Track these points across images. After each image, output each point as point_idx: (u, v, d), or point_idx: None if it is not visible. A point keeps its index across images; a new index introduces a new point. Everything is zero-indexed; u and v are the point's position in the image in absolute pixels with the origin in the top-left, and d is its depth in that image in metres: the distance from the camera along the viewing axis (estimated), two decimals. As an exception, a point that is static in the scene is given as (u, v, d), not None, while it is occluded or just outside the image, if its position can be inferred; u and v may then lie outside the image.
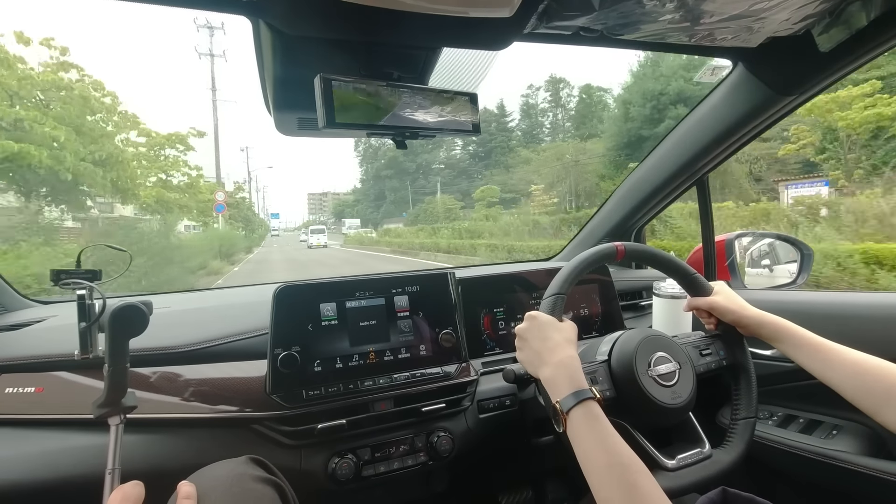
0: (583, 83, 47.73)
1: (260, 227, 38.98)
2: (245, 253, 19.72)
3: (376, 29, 0.68)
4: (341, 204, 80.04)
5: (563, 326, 0.74)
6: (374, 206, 58.33)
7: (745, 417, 0.80)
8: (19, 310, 1.12)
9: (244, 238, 22.93)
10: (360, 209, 63.01)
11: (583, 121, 39.88)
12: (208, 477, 0.63)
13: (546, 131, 49.92)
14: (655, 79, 20.28)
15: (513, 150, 42.86)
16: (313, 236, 30.57)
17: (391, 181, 55.02)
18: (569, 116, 47.07)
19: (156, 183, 13.63)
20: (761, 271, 1.38)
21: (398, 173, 55.31)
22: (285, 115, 0.90)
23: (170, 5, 0.65)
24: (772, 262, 1.38)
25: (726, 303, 0.84)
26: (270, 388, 0.87)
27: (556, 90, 48.81)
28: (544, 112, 50.45)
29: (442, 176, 51.57)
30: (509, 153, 42.63)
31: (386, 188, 55.79)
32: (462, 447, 0.97)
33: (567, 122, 46.78)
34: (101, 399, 0.66)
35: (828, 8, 0.77)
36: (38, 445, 0.81)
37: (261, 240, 33.05)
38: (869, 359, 0.68)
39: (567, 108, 47.79)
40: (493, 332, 1.16)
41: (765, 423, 1.09)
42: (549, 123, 49.88)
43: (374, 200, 58.79)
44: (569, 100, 48.31)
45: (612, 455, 0.59)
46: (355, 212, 63.61)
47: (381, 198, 57.58)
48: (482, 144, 49.78)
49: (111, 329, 0.65)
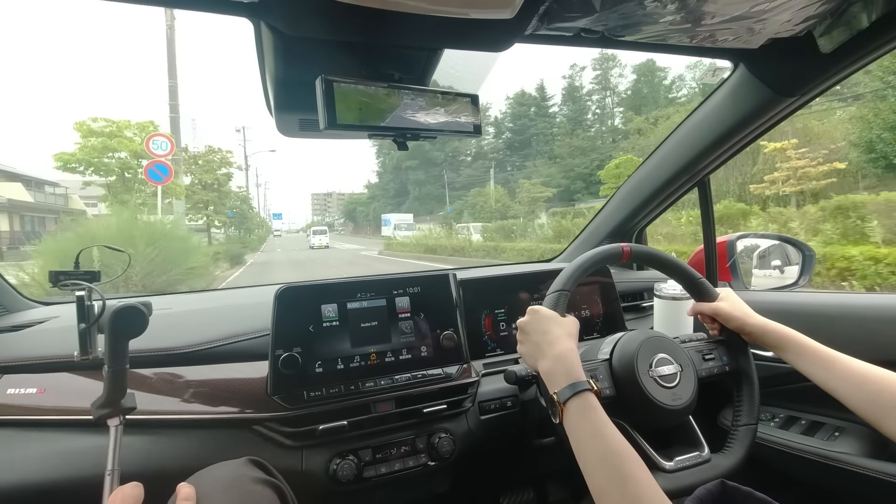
0: (638, 61, 42.34)
1: (260, 228, 35.86)
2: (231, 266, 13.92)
3: (377, 30, 0.68)
4: (353, 202, 72.47)
5: (564, 321, 0.74)
6: (395, 204, 51.45)
7: (746, 424, 0.80)
8: (21, 311, 1.12)
9: (236, 242, 19.69)
10: (377, 206, 55.69)
11: (643, 102, 35.40)
12: (208, 478, 0.63)
13: (594, 116, 43.48)
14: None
15: (556, 138, 38.20)
16: (315, 237, 31.52)
17: (415, 173, 48.13)
18: (620, 100, 41.65)
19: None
20: (771, 272, 1.37)
21: (423, 164, 47.62)
22: (287, 117, 0.90)
23: (170, 6, 0.65)
24: (781, 264, 1.38)
25: (731, 309, 0.84)
26: (272, 389, 0.87)
27: (605, 69, 42.88)
28: (590, 95, 44.12)
29: (473, 168, 45.53)
30: (552, 141, 38.37)
31: (409, 181, 49.18)
32: (463, 448, 0.97)
33: (618, 107, 41.48)
34: (101, 400, 0.65)
35: (829, 9, 0.77)
36: (39, 447, 0.81)
37: (260, 242, 30.34)
38: (873, 369, 0.68)
39: (616, 90, 42.10)
40: (494, 333, 1.16)
41: (767, 424, 1.09)
42: (598, 107, 43.81)
43: (395, 196, 52.74)
44: (619, 80, 42.53)
45: (606, 445, 0.59)
46: (372, 210, 56.37)
47: (402, 193, 51.36)
48: (519, 132, 43.85)
49: (110, 330, 0.65)
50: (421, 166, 47.25)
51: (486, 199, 31.26)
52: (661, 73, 39.69)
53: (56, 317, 1.05)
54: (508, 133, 45.37)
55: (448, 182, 45.57)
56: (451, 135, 0.80)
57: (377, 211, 53.77)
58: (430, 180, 47.76)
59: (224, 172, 19.89)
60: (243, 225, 24.61)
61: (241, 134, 30.44)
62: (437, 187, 46.19)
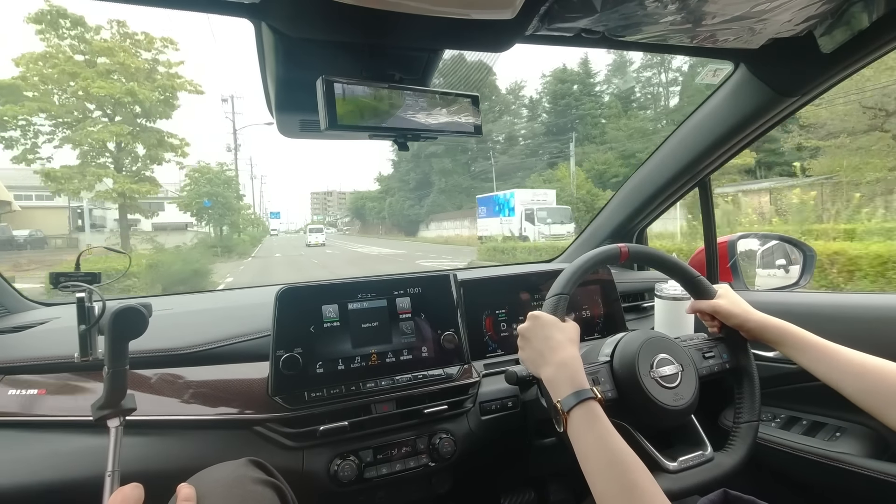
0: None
1: (256, 226, 31.33)
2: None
3: (378, 31, 0.68)
4: (361, 197, 60.29)
5: (565, 326, 0.74)
6: (416, 198, 42.03)
7: (748, 421, 0.80)
8: (21, 312, 1.12)
9: (208, 248, 15.46)
10: (393, 202, 45.20)
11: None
12: (208, 479, 0.63)
13: (647, 96, 35.09)
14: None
15: (607, 120, 31.30)
16: (311, 235, 31.88)
17: (440, 161, 38.20)
18: (671, 79, 33.24)
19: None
20: (775, 271, 1.37)
21: (450, 151, 37.82)
22: (287, 117, 0.90)
23: (171, 7, 0.65)
24: (786, 263, 1.38)
25: (730, 306, 0.84)
26: (273, 389, 0.87)
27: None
28: (639, 71, 34.58)
29: (510, 155, 36.71)
30: (602, 123, 31.15)
31: (433, 171, 39.21)
32: (464, 449, 0.96)
33: (672, 85, 33.13)
34: (101, 401, 0.65)
35: (830, 9, 0.77)
36: (40, 447, 0.81)
37: (253, 244, 24.85)
38: (873, 360, 0.68)
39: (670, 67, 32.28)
40: (495, 333, 1.16)
41: (768, 424, 1.09)
42: (649, 85, 34.79)
43: (415, 189, 42.10)
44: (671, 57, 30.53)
45: (611, 454, 0.59)
46: (388, 206, 45.73)
47: (424, 185, 40.83)
48: (560, 114, 35.29)
49: (110, 331, 0.65)
50: (447, 153, 37.81)
51: (562, 185, 21.53)
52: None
53: (57, 318, 1.05)
54: (546, 115, 37.58)
55: (476, 174, 37.46)
56: (452, 135, 0.80)
57: (393, 207, 44.66)
58: (458, 169, 38.24)
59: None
60: (225, 219, 17.60)
61: (230, 104, 24.98)
62: (465, 177, 38.13)
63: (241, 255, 18.39)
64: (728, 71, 1.07)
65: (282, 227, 79.47)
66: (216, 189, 16.66)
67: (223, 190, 17.02)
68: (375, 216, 51.82)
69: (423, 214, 40.53)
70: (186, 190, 16.57)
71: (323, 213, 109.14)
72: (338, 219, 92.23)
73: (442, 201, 38.35)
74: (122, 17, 12.65)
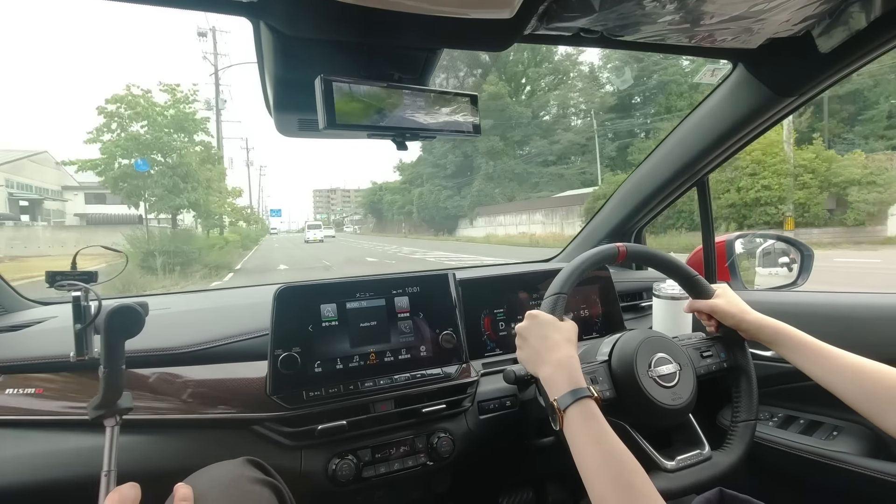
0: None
1: (249, 223, 23.27)
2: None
3: (377, 30, 0.68)
4: (379, 189, 50.57)
5: (563, 326, 0.74)
6: (454, 188, 32.90)
7: (746, 420, 0.80)
8: (19, 311, 1.12)
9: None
10: (425, 192, 35.38)
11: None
12: (205, 478, 0.63)
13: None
14: None
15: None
16: (310, 232, 32.46)
17: (489, 140, 28.97)
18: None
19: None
20: (778, 270, 1.37)
21: (498, 127, 29.04)
22: (286, 117, 0.90)
23: (170, 6, 0.65)
24: (789, 262, 1.37)
25: (727, 306, 0.84)
26: (271, 389, 0.87)
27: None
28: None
29: (574, 132, 29.02)
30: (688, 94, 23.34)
31: (478, 153, 30.44)
32: (462, 448, 0.97)
33: None
34: (96, 401, 0.65)
35: (828, 9, 0.77)
36: (38, 446, 0.81)
37: (246, 248, 18.87)
38: (869, 363, 0.68)
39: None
40: (493, 332, 1.16)
41: (765, 423, 1.09)
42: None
43: (453, 176, 33.08)
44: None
45: (607, 454, 0.59)
46: (416, 197, 36.49)
47: (463, 172, 32.15)
48: (637, 82, 26.84)
49: (106, 330, 0.65)
50: (495, 128, 28.41)
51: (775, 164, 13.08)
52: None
53: (54, 317, 1.05)
54: (611, 85, 30.38)
55: (532, 155, 29.54)
56: (451, 135, 0.80)
57: (425, 198, 34.88)
58: (509, 149, 29.36)
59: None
60: (182, 198, 9.72)
61: (210, 40, 17.96)
62: (518, 161, 30.37)
63: (217, 267, 10.31)
64: (726, 71, 1.07)
65: (283, 226, 75.84)
66: (160, 137, 8.94)
67: (175, 140, 9.23)
68: (397, 211, 42.88)
69: (464, 207, 32.01)
70: (99, 139, 8.80)
71: (327, 212, 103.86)
72: (345, 217, 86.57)
73: (489, 190, 30.22)
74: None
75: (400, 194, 42.48)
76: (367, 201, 54.83)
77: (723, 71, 1.09)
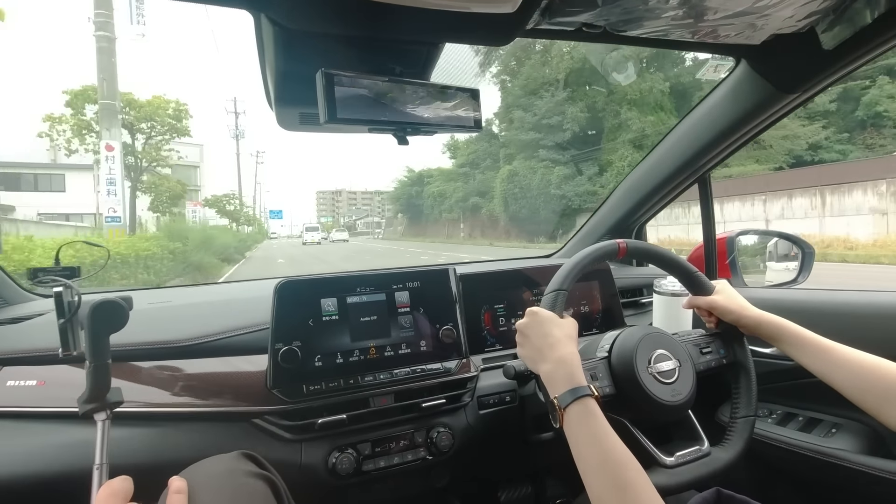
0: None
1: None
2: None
3: (378, 24, 0.68)
4: (418, 179, 36.80)
5: (563, 323, 0.74)
6: (573, 168, 19.07)
7: (745, 416, 0.80)
8: (21, 303, 1.12)
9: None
10: (520, 171, 20.30)
11: None
12: (200, 472, 0.63)
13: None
14: None
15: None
16: (308, 234, 33.23)
17: (643, 80, 17.20)
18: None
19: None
20: (788, 265, 1.37)
21: (659, 56, 17.46)
22: (287, 110, 0.90)
23: (172, -1, 0.64)
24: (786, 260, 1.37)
25: (727, 302, 0.84)
26: (271, 382, 0.88)
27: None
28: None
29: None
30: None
31: (620, 101, 18.13)
32: (462, 443, 0.97)
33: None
34: (85, 395, 0.65)
35: (832, 5, 0.76)
36: (39, 439, 0.81)
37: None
38: (869, 357, 0.69)
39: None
40: (493, 328, 1.16)
41: (764, 420, 1.10)
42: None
43: (563, 148, 19.26)
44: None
45: (606, 452, 0.59)
46: (501, 181, 21.44)
47: (583, 139, 19.06)
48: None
49: (90, 325, 0.64)
50: (656, 58, 17.78)
51: None
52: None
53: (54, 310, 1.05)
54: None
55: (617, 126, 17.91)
56: (452, 129, 0.80)
57: (518, 182, 20.41)
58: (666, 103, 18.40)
59: None
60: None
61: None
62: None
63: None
64: (729, 67, 1.07)
65: (283, 230, 66.76)
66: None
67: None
68: (453, 205, 29.55)
69: (593, 194, 17.87)
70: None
71: (332, 214, 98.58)
72: (356, 219, 79.38)
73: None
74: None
75: (450, 184, 30.30)
76: (397, 196, 41.80)
77: (725, 67, 1.09)
